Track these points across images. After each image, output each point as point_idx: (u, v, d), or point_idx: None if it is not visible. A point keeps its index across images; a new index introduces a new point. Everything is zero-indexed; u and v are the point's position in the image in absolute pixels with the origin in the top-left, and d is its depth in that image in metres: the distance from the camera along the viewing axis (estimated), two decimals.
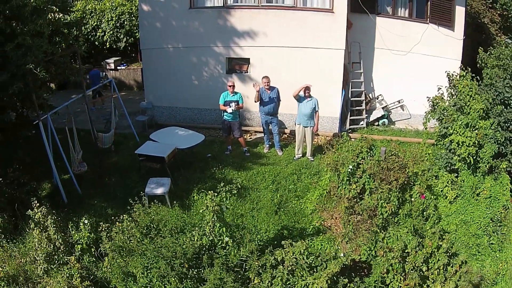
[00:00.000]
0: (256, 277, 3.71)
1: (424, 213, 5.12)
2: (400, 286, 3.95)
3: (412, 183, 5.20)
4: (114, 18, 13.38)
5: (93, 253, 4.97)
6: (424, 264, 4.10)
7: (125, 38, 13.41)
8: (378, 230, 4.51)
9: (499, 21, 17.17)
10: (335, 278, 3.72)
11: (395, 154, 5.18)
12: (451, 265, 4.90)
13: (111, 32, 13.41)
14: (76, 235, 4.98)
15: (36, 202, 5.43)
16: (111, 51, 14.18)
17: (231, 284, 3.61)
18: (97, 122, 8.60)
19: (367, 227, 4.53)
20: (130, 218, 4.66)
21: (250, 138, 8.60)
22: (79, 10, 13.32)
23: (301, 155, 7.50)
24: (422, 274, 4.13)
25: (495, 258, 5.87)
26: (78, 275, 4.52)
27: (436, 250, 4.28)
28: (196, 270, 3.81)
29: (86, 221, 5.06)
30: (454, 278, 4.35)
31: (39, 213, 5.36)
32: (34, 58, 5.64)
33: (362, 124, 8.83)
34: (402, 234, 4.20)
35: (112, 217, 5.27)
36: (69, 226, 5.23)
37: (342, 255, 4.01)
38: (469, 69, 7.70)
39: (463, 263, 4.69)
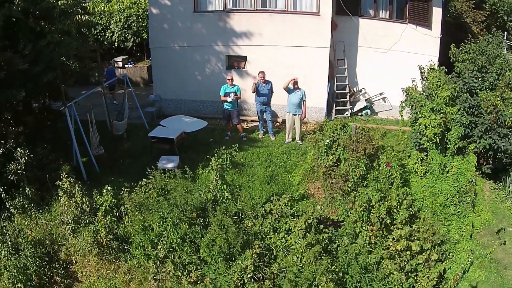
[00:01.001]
0: (250, 222, 4.67)
1: (390, 179, 6.09)
2: (367, 234, 4.91)
3: (379, 155, 6.20)
4: (122, 20, 14.38)
5: (115, 214, 5.95)
6: (388, 216, 5.06)
7: (132, 38, 14.43)
8: (349, 191, 5.50)
9: (483, 20, 18.07)
10: (313, 225, 4.71)
11: (363, 129, 6.17)
12: (415, 224, 5.88)
13: (120, 32, 14.44)
14: (100, 199, 5.96)
15: (64, 173, 6.43)
16: (118, 50, 15.18)
17: (230, 227, 4.61)
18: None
19: (341, 187, 5.52)
20: (147, 182, 5.66)
21: (247, 126, 9.66)
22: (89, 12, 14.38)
23: (291, 140, 8.54)
24: (387, 225, 5.10)
25: (460, 223, 6.90)
26: (104, 229, 5.50)
27: (398, 206, 5.24)
28: (202, 219, 4.79)
29: (108, 188, 6.05)
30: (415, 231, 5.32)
31: (67, 182, 6.35)
32: (65, 53, 6.62)
33: (347, 114, 9.87)
34: (368, 192, 5.17)
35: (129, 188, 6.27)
36: (94, 193, 6.21)
37: (318, 207, 4.96)
38: (437, 63, 8.72)
39: (424, 220, 5.66)
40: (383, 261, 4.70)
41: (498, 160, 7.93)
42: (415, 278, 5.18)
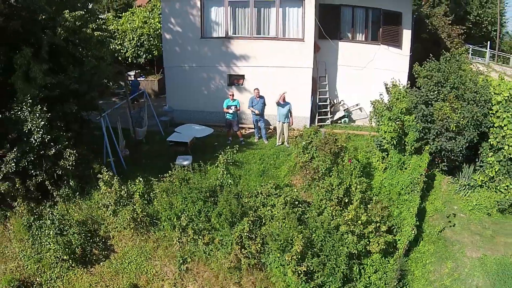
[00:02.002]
0: (246, 199, 6.75)
1: (350, 171, 8.22)
2: (329, 209, 6.98)
3: (343, 153, 8.35)
4: (135, 38, 16.62)
5: (145, 198, 8.09)
6: (345, 196, 7.16)
7: (144, 55, 16.66)
8: (318, 179, 7.59)
9: (461, 33, 20.10)
10: (290, 201, 6.80)
11: (330, 134, 8.34)
12: (371, 205, 7.98)
13: (133, 50, 16.67)
14: (134, 187, 8.11)
15: (104, 169, 8.56)
16: (130, 65, 17.38)
17: (233, 202, 6.73)
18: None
19: (312, 176, 7.60)
20: (171, 173, 7.77)
21: (245, 132, 11.82)
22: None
23: (280, 143, 10.70)
24: (345, 203, 7.20)
25: (409, 206, 9.00)
26: (140, 208, 7.64)
27: (354, 189, 7.36)
28: (212, 198, 6.90)
29: (140, 179, 8.20)
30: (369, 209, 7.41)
31: (107, 175, 8.49)
32: (103, 76, 8.80)
33: (328, 122, 12.06)
34: (330, 179, 7.26)
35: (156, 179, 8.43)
36: (128, 182, 8.35)
37: (295, 190, 7.03)
38: (406, 77, 10.84)
39: (376, 201, 7.74)
40: (340, 227, 6.80)
41: (451, 159, 10.11)
42: (368, 242, 7.30)
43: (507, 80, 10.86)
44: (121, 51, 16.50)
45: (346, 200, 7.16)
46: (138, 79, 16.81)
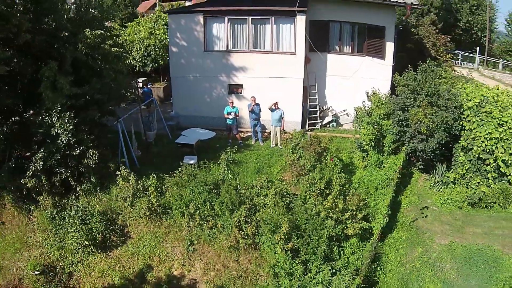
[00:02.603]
0: (244, 191, 8.29)
1: (331, 168, 9.78)
2: (312, 199, 8.51)
3: (326, 153, 9.92)
4: (142, 49, 18.25)
5: (158, 191, 9.64)
6: (326, 188, 8.71)
7: (151, 64, 18.27)
8: (304, 174, 9.13)
9: (448, 41, 21.43)
10: (279, 192, 8.35)
11: (315, 136, 9.91)
12: (349, 196, 9.51)
13: (140, 59, 18.28)
14: (149, 181, 9.67)
15: (122, 166, 10.11)
16: (136, 73, 18.94)
17: (232, 193, 8.29)
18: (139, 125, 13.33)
19: (299, 172, 9.13)
20: (180, 170, 9.33)
21: (243, 135, 13.38)
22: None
23: (274, 145, 12.27)
24: (326, 195, 8.73)
25: (384, 198, 10.51)
26: (154, 198, 9.19)
27: (334, 183, 8.91)
28: (215, 190, 8.45)
29: (153, 175, 9.77)
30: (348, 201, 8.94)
31: (125, 171, 10.04)
32: (121, 87, 10.38)
33: (317, 126, 13.64)
34: (313, 174, 8.81)
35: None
36: (143, 178, 9.90)
37: (284, 184, 8.58)
38: (389, 85, 12.36)
39: (354, 194, 9.27)
40: (321, 213, 8.32)
41: (425, 159, 11.65)
42: (345, 227, 8.83)
43: (487, 87, 12.27)
44: (129, 60, 18.10)
45: (327, 192, 8.70)
46: (140, 86, 18.40)
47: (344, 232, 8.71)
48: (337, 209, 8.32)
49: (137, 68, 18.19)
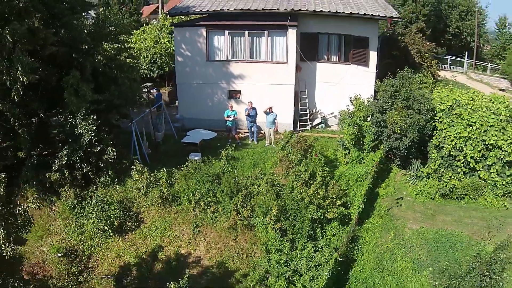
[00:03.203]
0: (241, 181, 10.13)
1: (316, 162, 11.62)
2: (298, 188, 10.33)
3: (311, 150, 11.75)
4: (149, 56, 20.12)
5: (168, 182, 11.46)
6: (310, 179, 10.52)
7: (157, 70, 20.14)
8: (292, 168, 10.96)
9: (433, 47, 23.03)
10: (270, 181, 10.20)
11: (302, 136, 11.76)
12: (330, 186, 11.32)
13: (147, 66, 20.14)
14: (160, 174, 11.49)
15: (138, 161, 11.93)
16: (144, 79, 20.78)
17: (231, 182, 10.13)
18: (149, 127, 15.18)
19: (288, 166, 10.96)
20: (187, 164, 11.18)
21: (241, 136, 15.22)
22: None
23: (268, 144, 14.10)
24: (310, 184, 10.55)
25: (361, 188, 12.26)
26: (165, 188, 11.01)
27: (317, 174, 10.72)
28: (217, 180, 10.28)
29: (164, 169, 11.59)
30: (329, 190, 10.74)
31: (139, 165, 11.86)
32: (135, 94, 12.24)
33: (307, 128, 15.46)
34: (299, 167, 10.63)
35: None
36: (155, 171, 11.72)
37: (275, 175, 10.39)
38: (373, 91, 14.18)
39: (334, 185, 11.07)
40: (305, 199, 10.11)
41: (401, 155, 13.45)
42: (326, 211, 10.62)
43: (461, 91, 13.80)
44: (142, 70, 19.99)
45: (311, 182, 10.51)
46: (152, 90, 20.28)
47: (326, 216, 10.49)
48: (318, 196, 10.12)
49: (144, 74, 20.04)
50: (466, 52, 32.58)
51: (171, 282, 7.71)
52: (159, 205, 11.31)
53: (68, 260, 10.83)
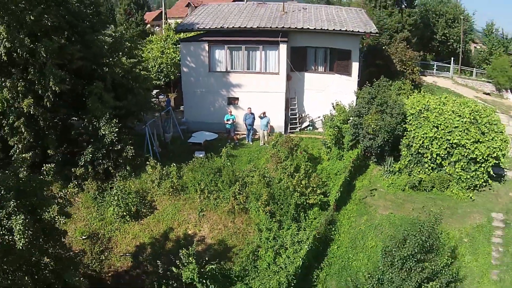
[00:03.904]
0: (238, 173, 12.64)
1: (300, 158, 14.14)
2: (285, 179, 12.83)
3: (297, 148, 14.30)
4: (156, 66, 22.65)
5: (178, 175, 13.98)
6: (295, 172, 13.03)
7: (163, 78, 22.66)
8: (280, 162, 13.48)
9: (416, 56, 25.22)
10: (261, 173, 12.73)
11: (289, 137, 14.31)
12: (312, 177, 13.81)
13: (154, 74, 22.64)
14: (170, 168, 14.02)
15: (151, 158, 14.46)
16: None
17: (230, 174, 12.68)
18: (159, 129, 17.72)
19: (277, 161, 13.50)
20: (193, 160, 13.73)
21: (239, 137, 17.76)
22: None
23: (262, 144, 16.62)
24: (294, 176, 13.06)
25: (339, 179, 14.69)
26: (176, 179, 13.54)
27: (301, 168, 13.23)
28: (218, 173, 12.83)
29: (173, 164, 14.13)
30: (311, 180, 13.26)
31: (153, 161, 14.38)
32: (150, 101, 14.78)
33: (297, 130, 17.97)
34: (286, 162, 13.15)
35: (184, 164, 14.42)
36: (166, 166, 14.24)
37: (266, 168, 12.92)
38: (355, 97, 16.73)
39: (315, 176, 13.57)
40: (290, 187, 12.64)
41: (376, 153, 15.93)
42: (308, 198, 13.12)
43: (432, 97, 16.15)
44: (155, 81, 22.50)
45: (295, 174, 13.02)
46: (159, 97, 22.80)
47: (308, 202, 12.98)
48: (301, 185, 12.62)
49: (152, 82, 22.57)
50: (452, 58, 35.08)
51: (183, 249, 10.21)
52: (170, 194, 13.80)
53: (91, 242, 13.11)
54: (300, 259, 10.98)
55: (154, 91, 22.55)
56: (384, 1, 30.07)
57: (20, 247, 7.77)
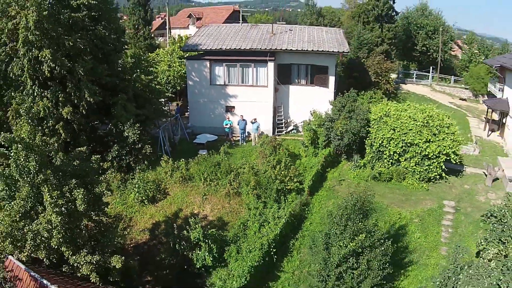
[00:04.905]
0: (233, 165, 16.94)
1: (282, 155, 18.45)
2: (269, 170, 17.12)
3: (279, 147, 18.62)
4: (164, 78, 27.01)
5: (186, 168, 18.31)
6: (277, 164, 17.31)
7: (171, 89, 27.00)
8: (266, 157, 17.81)
9: (391, 68, 29.23)
10: (251, 166, 17.03)
11: (273, 138, 18.64)
12: (290, 169, 18.08)
13: (164, 86, 26.97)
14: (179, 163, 18.37)
15: (164, 155, 18.82)
16: None
17: (227, 166, 16.98)
18: (169, 132, 22.10)
19: (263, 157, 17.79)
20: (198, 157, 18.10)
21: (235, 138, 22.13)
22: None
23: (254, 145, 20.96)
24: (276, 168, 17.35)
25: (312, 171, 19.00)
26: (185, 171, 17.88)
27: (282, 162, 17.51)
28: (218, 166, 17.16)
29: (182, 159, 18.48)
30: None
31: (166, 157, 18.74)
32: (163, 109, 19.16)
33: (283, 133, 22.30)
34: (270, 158, 17.45)
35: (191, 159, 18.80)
36: (176, 161, 18.59)
37: (256, 163, 17.21)
38: (325, 107, 21.16)
39: (294, 169, 17.80)
40: (272, 176, 16.90)
41: (345, 151, 20.24)
42: (287, 184, 17.41)
43: (395, 104, 20.56)
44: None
45: (277, 166, 17.33)
46: (167, 104, 27.19)
47: (286, 188, 17.27)
48: (281, 174, 16.95)
49: None
50: (431, 67, 39.29)
51: (191, 218, 14.51)
52: (180, 182, 18.12)
53: (116, 220, 17.62)
54: (279, 229, 15.22)
55: (162, 100, 26.95)
56: (367, 18, 34.35)
57: (81, 210, 11.95)
